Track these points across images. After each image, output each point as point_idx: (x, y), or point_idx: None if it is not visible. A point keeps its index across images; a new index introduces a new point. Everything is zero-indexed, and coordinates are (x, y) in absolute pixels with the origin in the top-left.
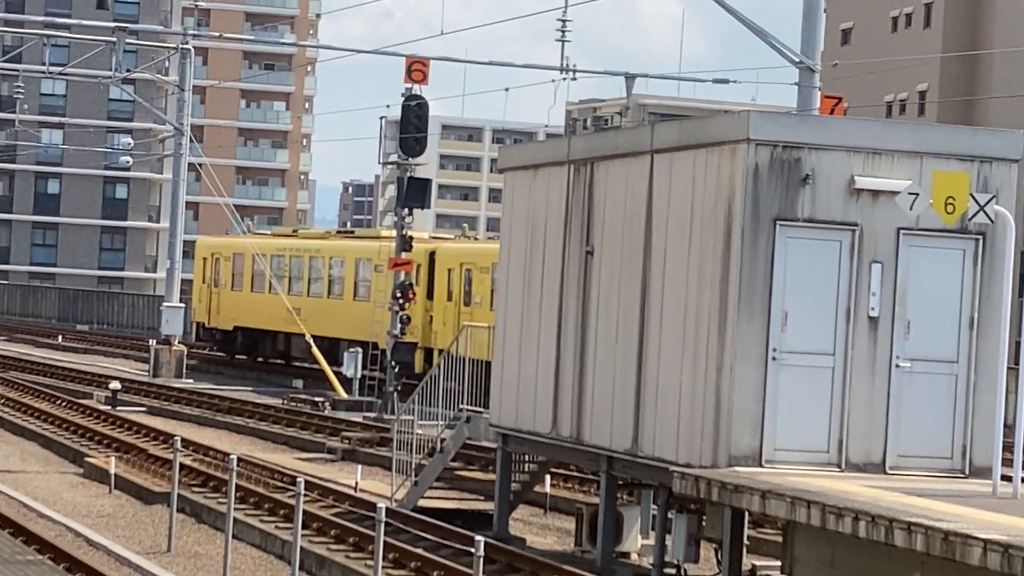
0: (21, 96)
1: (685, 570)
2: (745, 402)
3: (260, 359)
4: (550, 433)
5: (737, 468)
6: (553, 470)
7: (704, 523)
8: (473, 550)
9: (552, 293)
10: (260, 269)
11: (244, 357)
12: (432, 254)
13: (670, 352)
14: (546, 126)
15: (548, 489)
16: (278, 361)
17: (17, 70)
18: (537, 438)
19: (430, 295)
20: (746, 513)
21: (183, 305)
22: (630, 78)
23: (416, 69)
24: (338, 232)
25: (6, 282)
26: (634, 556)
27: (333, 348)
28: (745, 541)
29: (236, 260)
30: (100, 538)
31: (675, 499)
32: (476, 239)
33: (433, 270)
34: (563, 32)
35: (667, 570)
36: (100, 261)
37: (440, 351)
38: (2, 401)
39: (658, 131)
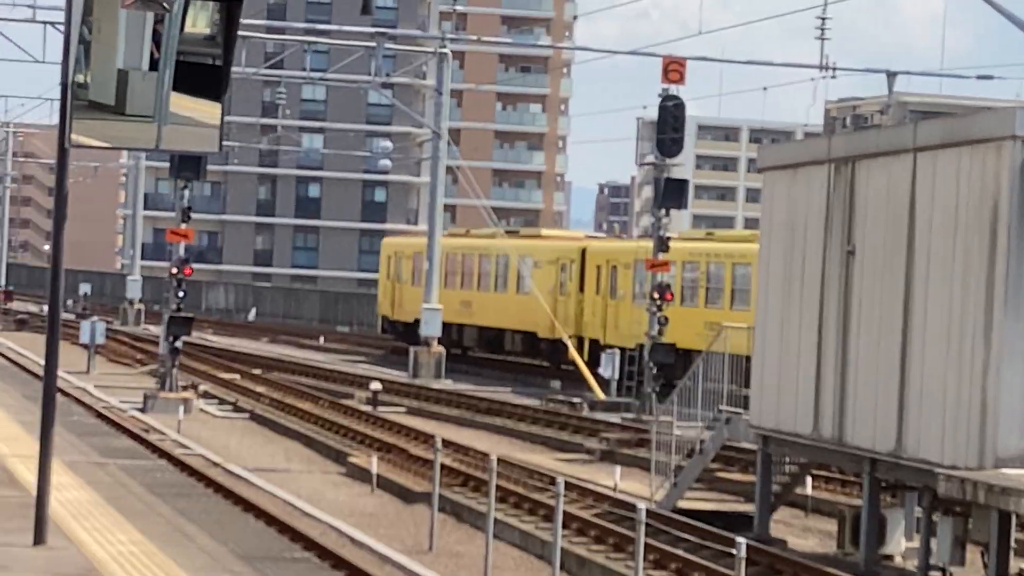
0: (283, 101)
1: (951, 573)
2: (1012, 403)
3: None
4: (811, 434)
5: (1004, 470)
6: (814, 471)
7: (970, 525)
8: (734, 551)
9: (813, 293)
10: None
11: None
12: (583, 251)
13: (934, 352)
14: (805, 125)
15: (809, 490)
16: (455, 351)
17: (279, 76)
18: (798, 439)
19: (581, 288)
20: (1013, 516)
21: (441, 307)
22: (891, 75)
23: (673, 69)
24: (505, 232)
25: (269, 284)
26: (898, 559)
27: (499, 337)
28: (1012, 544)
29: (416, 258)
30: (363, 536)
31: (940, 501)
32: (622, 237)
33: (584, 266)
34: (822, 30)
35: (932, 573)
36: (360, 263)
37: (591, 340)
38: (267, 401)
39: (921, 129)
